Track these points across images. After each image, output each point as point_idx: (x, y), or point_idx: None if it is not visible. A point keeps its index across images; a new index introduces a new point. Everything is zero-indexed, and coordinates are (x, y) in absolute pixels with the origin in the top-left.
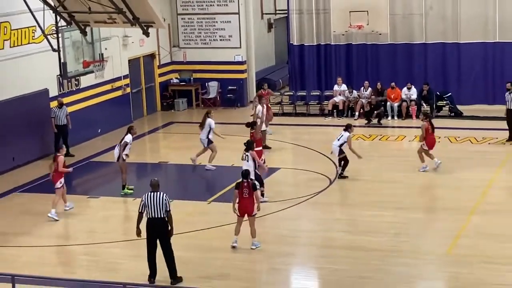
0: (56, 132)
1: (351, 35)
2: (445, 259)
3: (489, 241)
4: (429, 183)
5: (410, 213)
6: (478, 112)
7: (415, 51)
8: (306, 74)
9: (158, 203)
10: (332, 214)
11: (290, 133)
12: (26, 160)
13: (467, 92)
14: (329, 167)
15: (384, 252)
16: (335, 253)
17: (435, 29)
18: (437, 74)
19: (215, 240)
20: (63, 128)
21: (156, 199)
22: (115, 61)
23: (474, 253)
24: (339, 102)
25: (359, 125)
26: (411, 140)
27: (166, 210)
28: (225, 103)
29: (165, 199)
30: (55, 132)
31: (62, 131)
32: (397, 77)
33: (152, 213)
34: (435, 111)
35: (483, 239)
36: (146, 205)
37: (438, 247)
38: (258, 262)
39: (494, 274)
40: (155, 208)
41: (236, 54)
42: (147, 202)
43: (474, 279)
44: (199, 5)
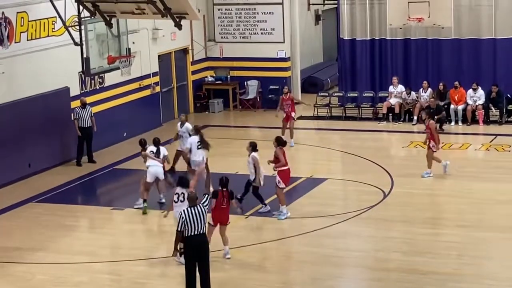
0: (80, 135)
1: (409, 29)
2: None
3: None
4: (498, 197)
5: (474, 232)
6: None
7: (482, 47)
8: (358, 72)
9: (198, 218)
10: (385, 231)
11: (339, 139)
12: (44, 166)
13: None
14: (382, 179)
15: (444, 275)
16: (388, 276)
17: (506, 23)
18: (508, 74)
19: (254, 258)
20: (87, 130)
21: (195, 214)
22: (143, 56)
23: None
24: (395, 104)
25: (417, 131)
26: (477, 149)
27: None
28: (266, 105)
29: (205, 212)
30: (79, 136)
31: (86, 134)
32: (461, 77)
33: (192, 230)
34: (505, 115)
35: None
36: (186, 223)
37: (508, 271)
38: (301, 284)
39: None
40: (195, 224)
41: (279, 50)
42: (187, 219)
43: None
44: None
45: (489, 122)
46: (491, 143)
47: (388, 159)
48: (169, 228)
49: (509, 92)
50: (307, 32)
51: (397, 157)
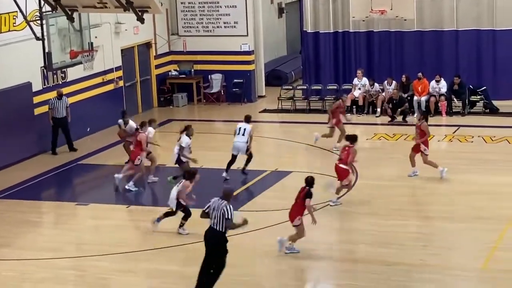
0: (53, 125)
1: (372, 21)
2: (479, 275)
3: None
4: (460, 188)
5: (438, 222)
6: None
7: (445, 39)
8: (321, 65)
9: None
10: (351, 223)
11: (304, 132)
12: (6, 163)
13: (504, 86)
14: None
15: (410, 266)
16: (355, 267)
17: (467, 14)
18: (470, 66)
19: None
20: (62, 120)
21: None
22: (106, 51)
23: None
24: (358, 97)
25: (381, 123)
26: (441, 140)
27: (226, 218)
28: (230, 98)
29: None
30: (52, 126)
31: (62, 124)
32: (424, 69)
33: (212, 222)
34: (467, 107)
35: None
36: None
37: (471, 261)
38: (268, 277)
39: None
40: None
41: (242, 43)
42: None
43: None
44: None
45: (452, 113)
46: (454, 134)
47: None
48: (133, 223)
49: (471, 83)
50: (270, 25)
51: (361, 149)
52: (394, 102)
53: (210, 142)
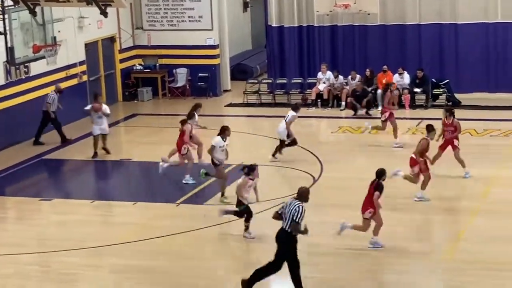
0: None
1: (336, 16)
2: (444, 265)
3: (492, 245)
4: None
5: (404, 214)
6: (478, 101)
7: (408, 33)
8: (286, 59)
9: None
10: (317, 216)
11: (269, 126)
12: None
13: (466, 79)
14: (313, 164)
15: (375, 257)
16: (320, 259)
17: (430, 9)
18: (432, 59)
19: (185, 246)
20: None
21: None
22: (69, 45)
23: (476, 258)
24: (323, 90)
25: (345, 116)
26: (404, 133)
27: (293, 219)
28: (195, 92)
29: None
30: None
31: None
32: (387, 62)
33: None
34: (430, 100)
35: (486, 243)
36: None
37: (437, 252)
38: (231, 271)
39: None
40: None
41: (207, 37)
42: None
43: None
44: None
45: (415, 106)
46: (417, 127)
47: (317, 144)
48: (97, 218)
49: (434, 77)
50: (235, 19)
51: (326, 142)
52: (357, 95)
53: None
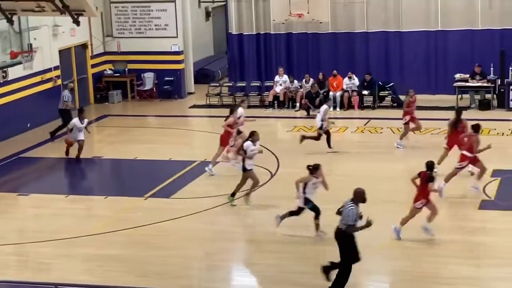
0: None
1: (291, 24)
2: (386, 251)
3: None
4: (371, 174)
5: None
6: (420, 102)
7: (356, 40)
8: (245, 64)
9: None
10: (273, 208)
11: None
12: None
13: (409, 82)
14: (269, 160)
15: (325, 246)
16: (275, 248)
17: (376, 18)
18: (379, 64)
19: (153, 237)
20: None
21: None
22: (44, 51)
23: (416, 245)
24: (280, 93)
25: (300, 116)
26: (353, 132)
27: (346, 223)
28: (162, 95)
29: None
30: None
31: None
32: (338, 67)
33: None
34: (377, 101)
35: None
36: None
37: (380, 239)
38: (197, 259)
39: (436, 266)
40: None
41: (172, 44)
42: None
43: (415, 272)
44: None
45: (363, 107)
46: (365, 126)
47: (274, 142)
48: (71, 211)
49: (380, 80)
50: (198, 27)
51: (282, 141)
52: (311, 96)
53: (144, 135)
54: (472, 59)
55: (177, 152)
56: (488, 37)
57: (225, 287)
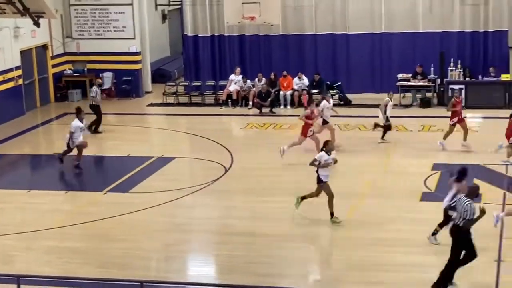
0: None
1: (244, 26)
2: (336, 241)
3: (377, 224)
4: None
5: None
6: (366, 100)
7: (306, 42)
8: (200, 64)
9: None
10: (227, 201)
11: (186, 123)
12: None
13: (356, 81)
14: (224, 156)
15: (278, 237)
16: (230, 239)
17: (324, 21)
18: (327, 64)
19: (112, 230)
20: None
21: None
22: (6, 52)
23: (363, 235)
24: (233, 91)
25: (253, 114)
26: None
27: (466, 218)
28: (120, 94)
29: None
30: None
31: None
32: (289, 67)
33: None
34: None
35: (372, 222)
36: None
37: (330, 230)
38: (155, 250)
39: (382, 255)
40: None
41: (130, 45)
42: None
43: (363, 260)
44: None
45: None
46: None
47: (228, 139)
48: (33, 206)
49: (328, 79)
50: (155, 29)
51: (236, 137)
52: (262, 96)
53: (103, 133)
54: (414, 60)
55: (135, 148)
56: (428, 39)
57: (182, 277)
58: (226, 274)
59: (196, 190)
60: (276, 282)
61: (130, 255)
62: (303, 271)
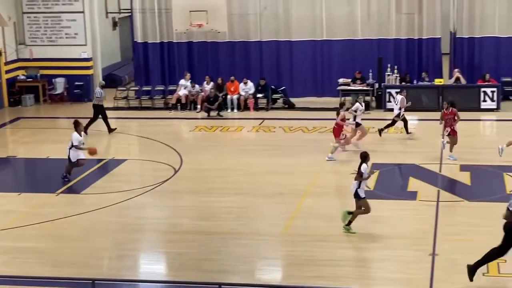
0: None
1: (192, 33)
2: (280, 238)
3: (319, 221)
4: (265, 169)
5: (248, 198)
6: (308, 104)
7: (251, 48)
8: (150, 70)
9: None
10: (176, 201)
11: (136, 126)
12: None
13: (299, 86)
14: (173, 158)
15: (225, 234)
16: (179, 238)
17: (269, 28)
18: (272, 70)
19: (65, 230)
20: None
21: None
22: None
23: (306, 232)
24: (182, 96)
25: (201, 117)
26: (249, 131)
27: None
28: (72, 98)
29: None
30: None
31: (103, 110)
32: (235, 73)
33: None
34: (270, 103)
35: (314, 219)
36: None
37: (274, 228)
38: (107, 249)
39: (325, 251)
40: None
41: (82, 51)
42: None
43: (307, 257)
44: (44, 4)
45: (258, 109)
46: (260, 126)
47: (178, 141)
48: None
49: (273, 84)
50: (106, 36)
51: (185, 140)
52: (210, 100)
53: (56, 136)
54: (353, 65)
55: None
56: (367, 46)
57: (133, 275)
58: (176, 271)
59: (146, 191)
60: (224, 278)
61: (83, 254)
62: (251, 267)
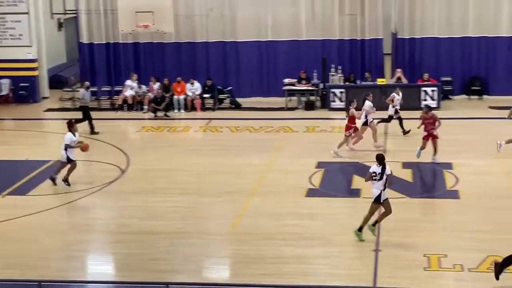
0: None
1: (138, 34)
2: (228, 237)
3: (266, 220)
4: (213, 168)
5: (195, 197)
6: (255, 104)
7: (198, 49)
8: (96, 70)
9: None
10: (124, 201)
11: (83, 127)
12: None
13: (245, 86)
14: (120, 158)
15: (173, 234)
16: (127, 238)
17: (215, 29)
18: (218, 70)
19: (11, 232)
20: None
21: None
22: None
23: (254, 231)
24: (128, 96)
25: (148, 118)
26: (197, 131)
27: None
28: (18, 100)
29: None
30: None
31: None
32: (182, 73)
33: None
34: (217, 103)
35: (262, 218)
36: None
37: (222, 227)
38: (54, 250)
39: (272, 248)
40: None
41: (27, 52)
42: None
43: (255, 255)
44: None
45: (205, 109)
46: (207, 126)
47: (124, 142)
48: None
49: (220, 84)
50: (51, 37)
51: (132, 140)
52: (157, 100)
53: (1, 138)
54: (298, 65)
55: (33, 152)
56: (311, 47)
57: (81, 275)
58: (124, 271)
59: (93, 192)
60: (172, 278)
61: (30, 256)
62: (198, 266)
